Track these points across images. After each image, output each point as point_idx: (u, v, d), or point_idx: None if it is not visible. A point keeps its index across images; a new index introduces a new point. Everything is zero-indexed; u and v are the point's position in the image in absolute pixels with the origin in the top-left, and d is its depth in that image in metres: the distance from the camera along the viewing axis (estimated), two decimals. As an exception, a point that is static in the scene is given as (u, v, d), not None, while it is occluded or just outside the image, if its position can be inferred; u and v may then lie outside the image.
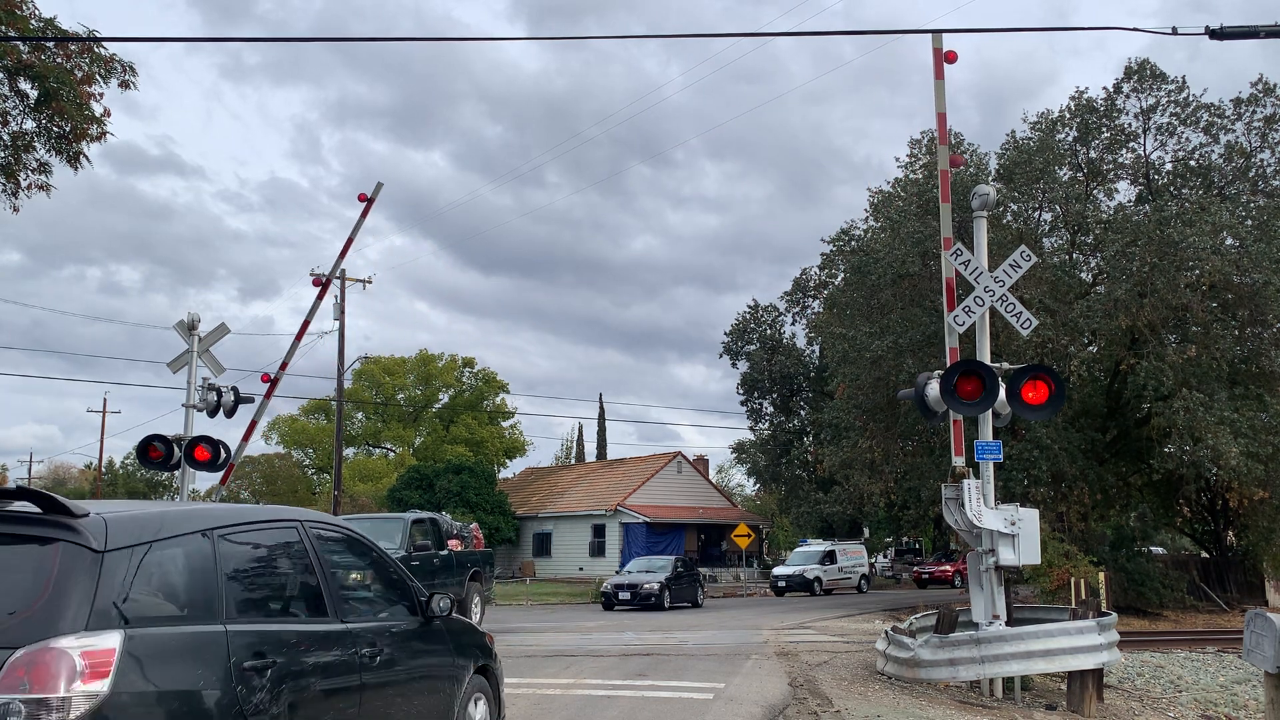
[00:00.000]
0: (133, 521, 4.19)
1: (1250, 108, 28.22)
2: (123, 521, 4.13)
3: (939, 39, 12.64)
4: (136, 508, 4.47)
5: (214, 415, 17.36)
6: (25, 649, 3.52)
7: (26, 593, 3.73)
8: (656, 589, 29.03)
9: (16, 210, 13.84)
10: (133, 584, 3.96)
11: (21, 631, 3.58)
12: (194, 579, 4.33)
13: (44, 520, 3.97)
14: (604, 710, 9.58)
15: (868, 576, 43.01)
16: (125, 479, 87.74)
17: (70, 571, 3.78)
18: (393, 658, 5.48)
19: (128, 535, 4.07)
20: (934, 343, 24.91)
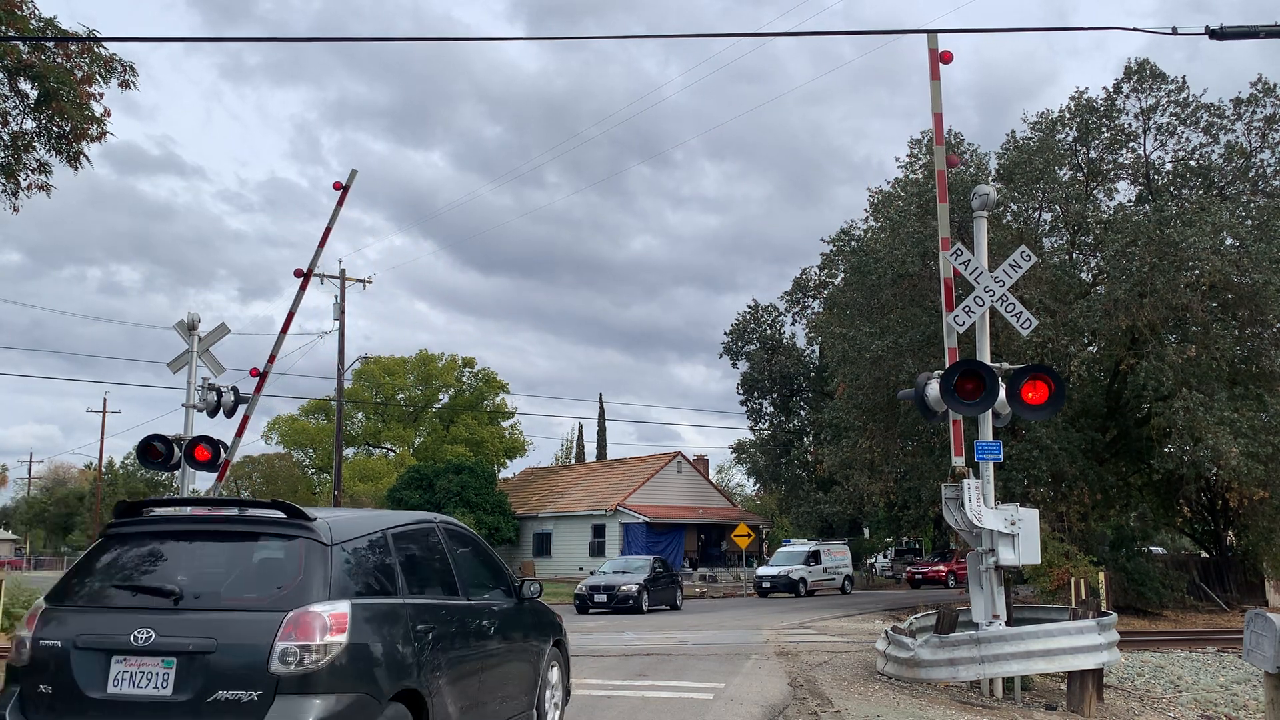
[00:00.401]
0: (344, 523, 5.85)
1: (1250, 108, 28.22)
2: (338, 523, 5.77)
3: (934, 39, 12.64)
4: (344, 514, 6.21)
5: (214, 415, 17.38)
6: (293, 611, 5.12)
7: (286, 574, 5.40)
8: (634, 591, 27.97)
9: (16, 210, 13.85)
10: (349, 568, 5.60)
11: (287, 600, 5.20)
12: (382, 565, 5.99)
13: (289, 523, 5.59)
14: (604, 710, 9.58)
15: (851, 577, 42.44)
16: (125, 479, 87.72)
17: (311, 559, 5.41)
18: (500, 628, 7.13)
19: (342, 534, 5.70)
20: (934, 343, 24.91)
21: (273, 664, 5.03)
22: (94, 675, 5.15)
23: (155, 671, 5.11)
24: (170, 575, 5.48)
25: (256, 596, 5.37)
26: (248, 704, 4.99)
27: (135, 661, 5.14)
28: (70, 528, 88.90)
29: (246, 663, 5.06)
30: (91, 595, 5.54)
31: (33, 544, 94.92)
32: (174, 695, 5.05)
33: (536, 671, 7.74)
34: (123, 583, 5.54)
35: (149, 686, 5.09)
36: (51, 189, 14.08)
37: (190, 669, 5.07)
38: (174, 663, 5.11)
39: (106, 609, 5.41)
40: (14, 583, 21.50)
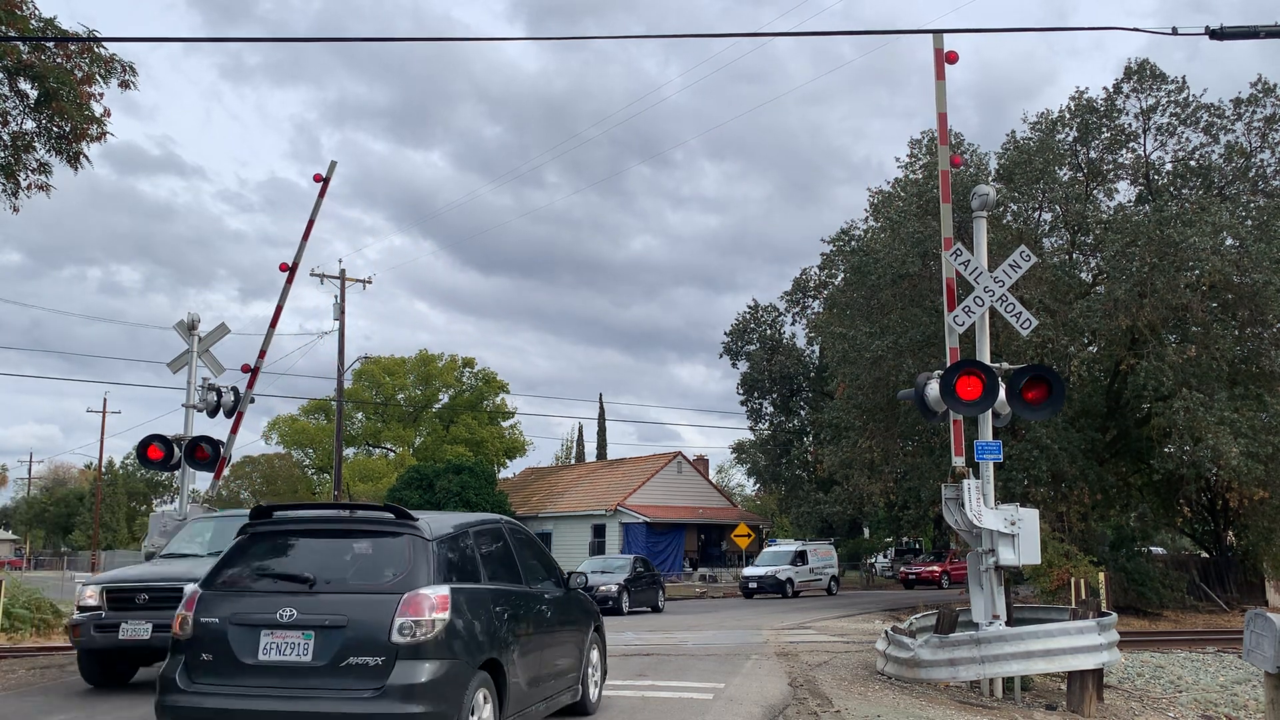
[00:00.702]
0: (438, 522, 7.16)
1: (1250, 108, 28.22)
2: (435, 522, 7.08)
3: (940, 39, 12.63)
4: (437, 515, 7.63)
5: (214, 415, 17.37)
6: (406, 594, 6.36)
7: (398, 564, 6.62)
8: (614, 591, 26.62)
9: (16, 210, 13.85)
10: (446, 559, 6.82)
11: (401, 584, 6.45)
12: (468, 557, 7.23)
13: (397, 523, 6.88)
14: (604, 710, 9.58)
15: (837, 578, 41.54)
16: (125, 479, 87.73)
17: (417, 552, 6.66)
18: (553, 613, 8.38)
19: (438, 531, 6.96)
20: (934, 343, 24.90)
21: (393, 635, 6.25)
22: (247, 645, 6.40)
23: (297, 642, 6.36)
24: (304, 565, 6.76)
25: (376, 582, 6.61)
26: (373, 668, 6.22)
27: (281, 634, 6.38)
28: (70, 528, 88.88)
29: (371, 635, 6.28)
30: (240, 581, 6.82)
31: (32, 544, 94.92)
32: (313, 661, 6.29)
33: (581, 652, 9.04)
34: (265, 571, 6.87)
35: (292, 654, 6.34)
36: (51, 189, 14.08)
37: (326, 640, 6.31)
38: (312, 635, 6.34)
39: (254, 593, 6.70)
40: (14, 583, 21.51)
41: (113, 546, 79.67)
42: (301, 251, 17.38)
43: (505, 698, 7.12)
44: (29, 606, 19.66)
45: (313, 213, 17.41)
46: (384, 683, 6.17)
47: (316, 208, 17.36)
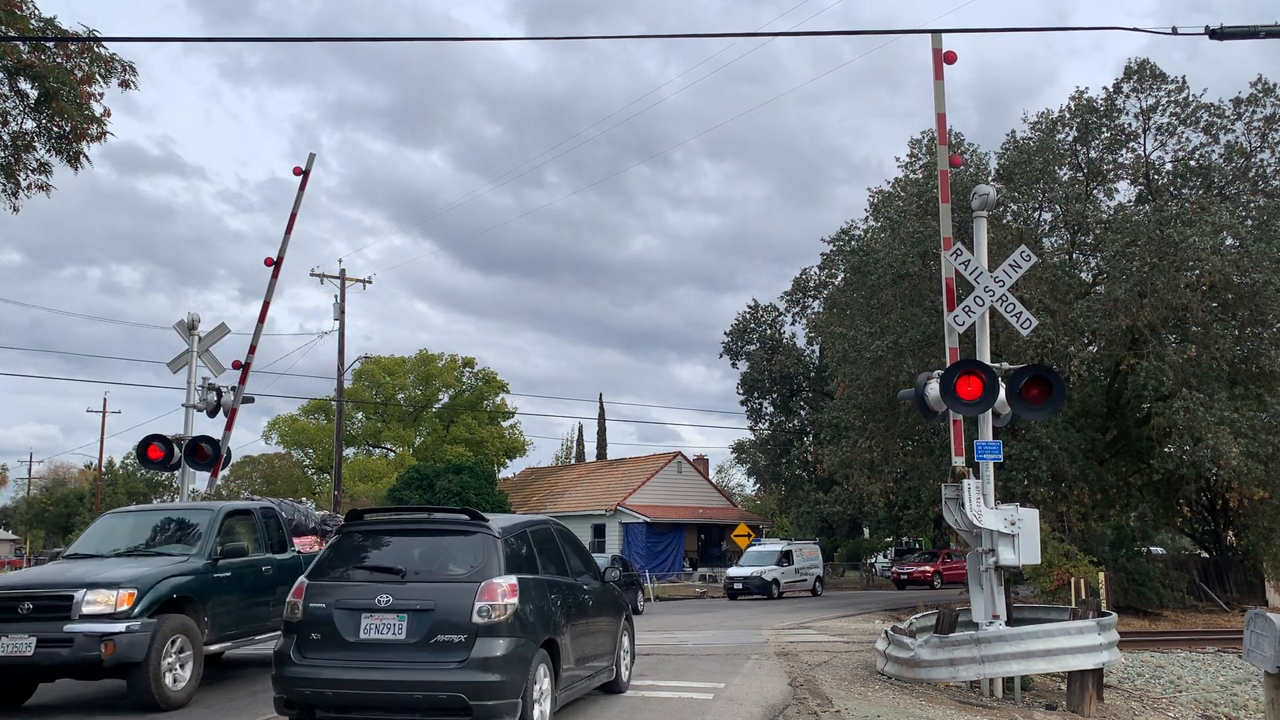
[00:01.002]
0: (504, 521, 8.47)
1: (1250, 108, 28.21)
2: (501, 522, 8.38)
3: (938, 39, 12.63)
4: (503, 517, 8.85)
5: (214, 415, 17.35)
6: (483, 582, 7.58)
7: (474, 557, 7.90)
8: None
9: (16, 210, 13.85)
10: (512, 554, 8.04)
11: (478, 575, 7.69)
12: (528, 552, 8.45)
13: (471, 523, 8.20)
14: (604, 710, 9.58)
15: (821, 578, 40.26)
16: (125, 479, 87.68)
17: (489, 547, 7.91)
18: (594, 602, 9.56)
19: (504, 529, 8.22)
20: (934, 343, 24.89)
21: (473, 617, 7.47)
22: (351, 626, 7.62)
23: (393, 623, 7.57)
24: (394, 559, 8.03)
25: (457, 572, 7.88)
26: (457, 644, 7.43)
27: (379, 617, 7.60)
28: (70, 528, 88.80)
29: (455, 616, 7.50)
30: (341, 573, 8.03)
31: (33, 544, 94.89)
32: (407, 638, 7.52)
33: (615, 637, 10.25)
34: (362, 564, 8.10)
35: (389, 633, 7.57)
36: (51, 189, 14.07)
37: (417, 621, 7.54)
38: (406, 617, 7.57)
39: (354, 582, 7.92)
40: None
41: (113, 546, 79.60)
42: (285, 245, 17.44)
43: (559, 673, 8.35)
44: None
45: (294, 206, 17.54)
46: (467, 656, 7.40)
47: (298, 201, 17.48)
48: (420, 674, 7.40)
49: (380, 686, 7.44)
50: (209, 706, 9.93)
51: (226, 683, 11.44)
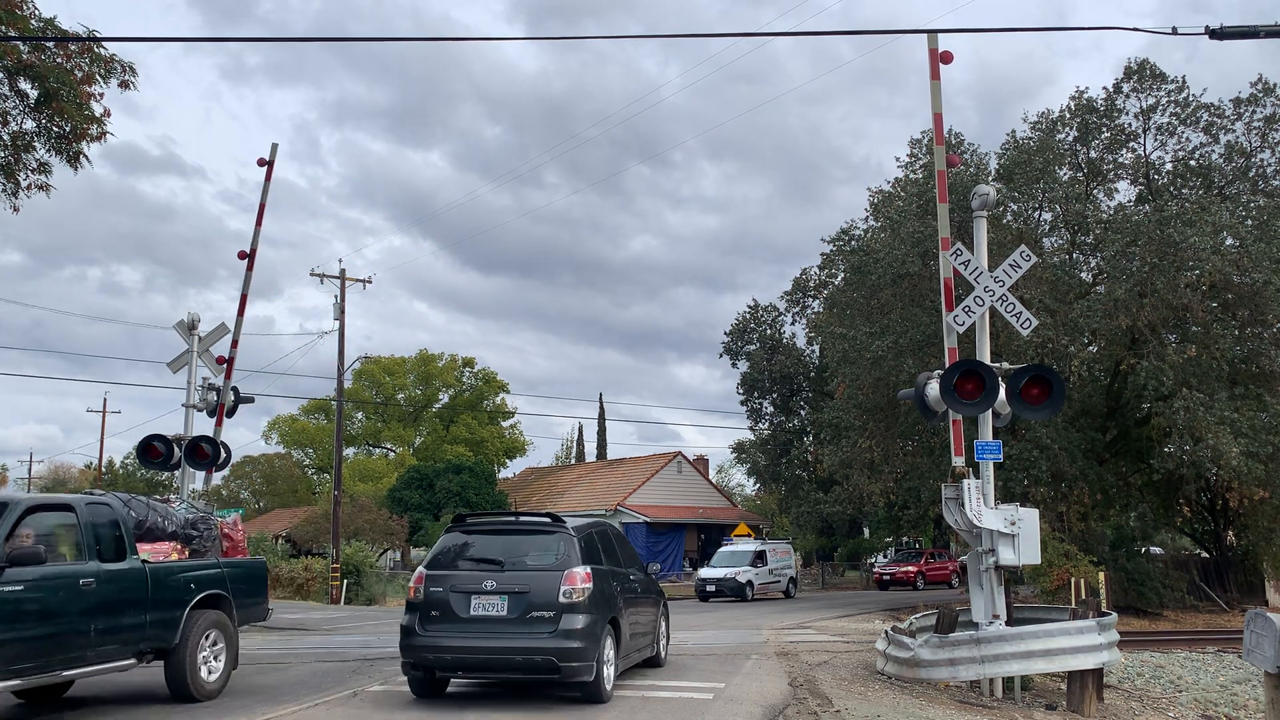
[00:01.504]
0: (578, 523, 10.50)
1: (1250, 108, 28.20)
2: (576, 524, 10.42)
3: (934, 39, 12.63)
4: (575, 520, 10.77)
5: (214, 415, 17.36)
6: (566, 570, 9.59)
7: (557, 551, 9.87)
8: None
9: (16, 210, 13.86)
10: (585, 549, 10.03)
11: (561, 565, 9.67)
12: (596, 547, 10.52)
13: (553, 524, 10.28)
14: (604, 710, 9.58)
15: (795, 579, 38.66)
16: (125, 479, 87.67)
17: (569, 543, 9.91)
18: (641, 589, 11.78)
19: (579, 529, 10.25)
20: (934, 343, 24.89)
21: (559, 597, 9.54)
22: (463, 605, 9.70)
23: (496, 602, 9.66)
24: (494, 552, 10.06)
25: (545, 563, 9.90)
26: (547, 618, 9.52)
27: (485, 598, 9.70)
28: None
29: (546, 597, 9.57)
30: (451, 563, 10.05)
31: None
32: (507, 614, 9.62)
33: (656, 619, 12.43)
34: (468, 556, 10.10)
35: (493, 610, 9.66)
36: (51, 189, 14.09)
37: (515, 601, 9.63)
38: (506, 598, 9.65)
39: (463, 570, 9.94)
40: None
41: (113, 546, 79.65)
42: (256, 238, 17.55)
43: (620, 643, 10.42)
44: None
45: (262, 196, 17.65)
46: (555, 628, 9.47)
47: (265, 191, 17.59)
48: (519, 642, 9.50)
49: (488, 652, 9.57)
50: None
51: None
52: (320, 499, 63.49)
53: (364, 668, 13.10)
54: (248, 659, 14.53)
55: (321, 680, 11.92)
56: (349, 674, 12.48)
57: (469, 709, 9.83)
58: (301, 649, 16.31)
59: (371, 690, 10.93)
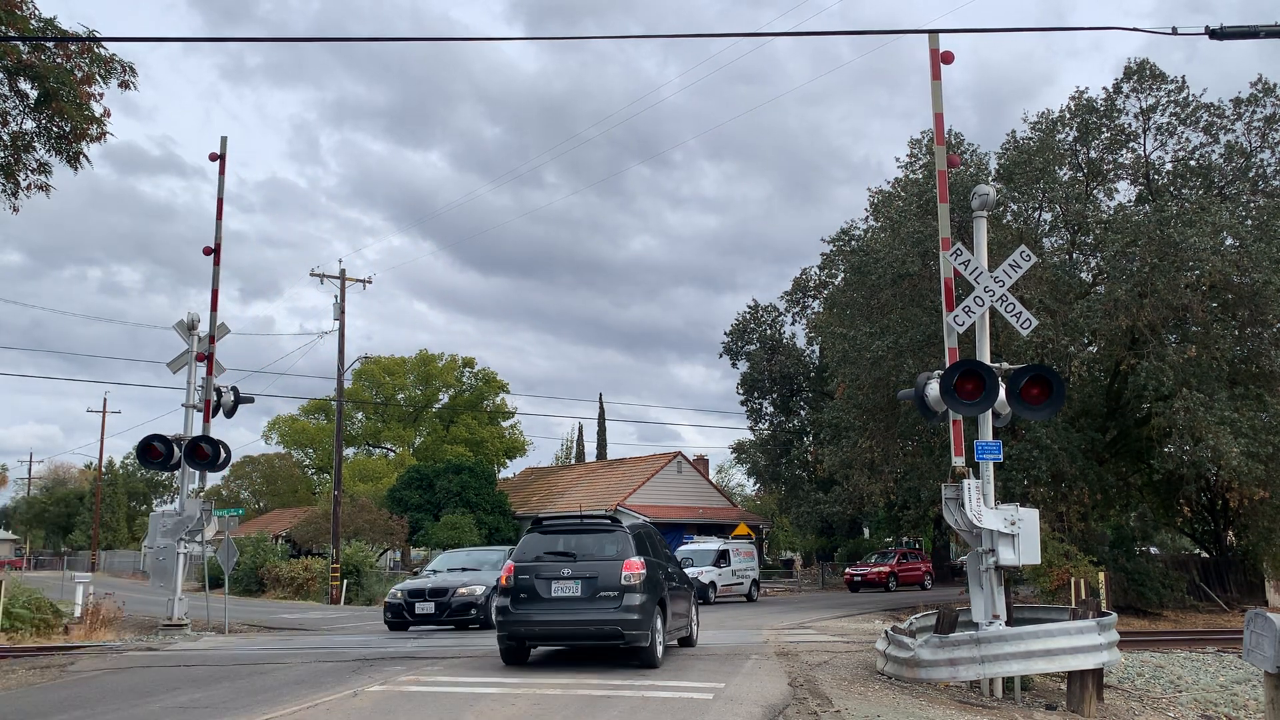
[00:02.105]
0: (631, 523, 13.76)
1: (1250, 108, 28.20)
2: (628, 523, 13.48)
3: (935, 39, 12.63)
4: (628, 520, 15.40)
5: (216, 415, 17.36)
6: (625, 560, 12.24)
7: (617, 545, 12.57)
8: (481, 597, 19.18)
9: (16, 210, 13.86)
10: (638, 543, 12.71)
11: (621, 556, 12.35)
12: (645, 542, 13.05)
13: (613, 524, 13.23)
14: (605, 710, 9.58)
15: (758, 581, 36.70)
16: (125, 479, 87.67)
17: (626, 538, 12.65)
18: (678, 579, 14.28)
19: (631, 528, 13.08)
20: (934, 343, 24.89)
21: (621, 581, 11.97)
22: (544, 589, 12.19)
23: (572, 586, 12.14)
24: (567, 547, 12.56)
25: (608, 554, 12.36)
26: (612, 598, 11.93)
27: (562, 583, 12.17)
28: (70, 528, 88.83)
29: (611, 582, 12.02)
30: (533, 557, 12.53)
31: (32, 544, 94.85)
32: (581, 595, 12.07)
33: (689, 606, 14.99)
34: (547, 550, 12.56)
35: (569, 592, 12.14)
36: (51, 189, 14.09)
37: (587, 585, 12.08)
38: (579, 582, 12.11)
39: (544, 562, 12.40)
40: (14, 583, 21.50)
41: (113, 546, 79.66)
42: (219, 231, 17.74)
43: (666, 621, 12.89)
44: (29, 606, 19.66)
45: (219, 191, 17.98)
46: (619, 605, 11.93)
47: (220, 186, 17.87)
48: (590, 615, 11.98)
49: (566, 625, 12.13)
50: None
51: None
52: (320, 499, 63.50)
53: (364, 668, 13.10)
54: (248, 659, 14.54)
55: (321, 680, 11.92)
56: (349, 674, 12.48)
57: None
58: (302, 649, 16.31)
59: (372, 690, 10.94)
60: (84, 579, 24.08)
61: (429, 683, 11.37)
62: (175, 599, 19.29)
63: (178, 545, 18.38)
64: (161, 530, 18.37)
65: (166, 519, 18.46)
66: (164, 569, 18.83)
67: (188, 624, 19.54)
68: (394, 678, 11.76)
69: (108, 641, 18.01)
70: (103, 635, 19.20)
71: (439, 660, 13.83)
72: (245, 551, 40.21)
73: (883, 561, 43.46)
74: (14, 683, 12.37)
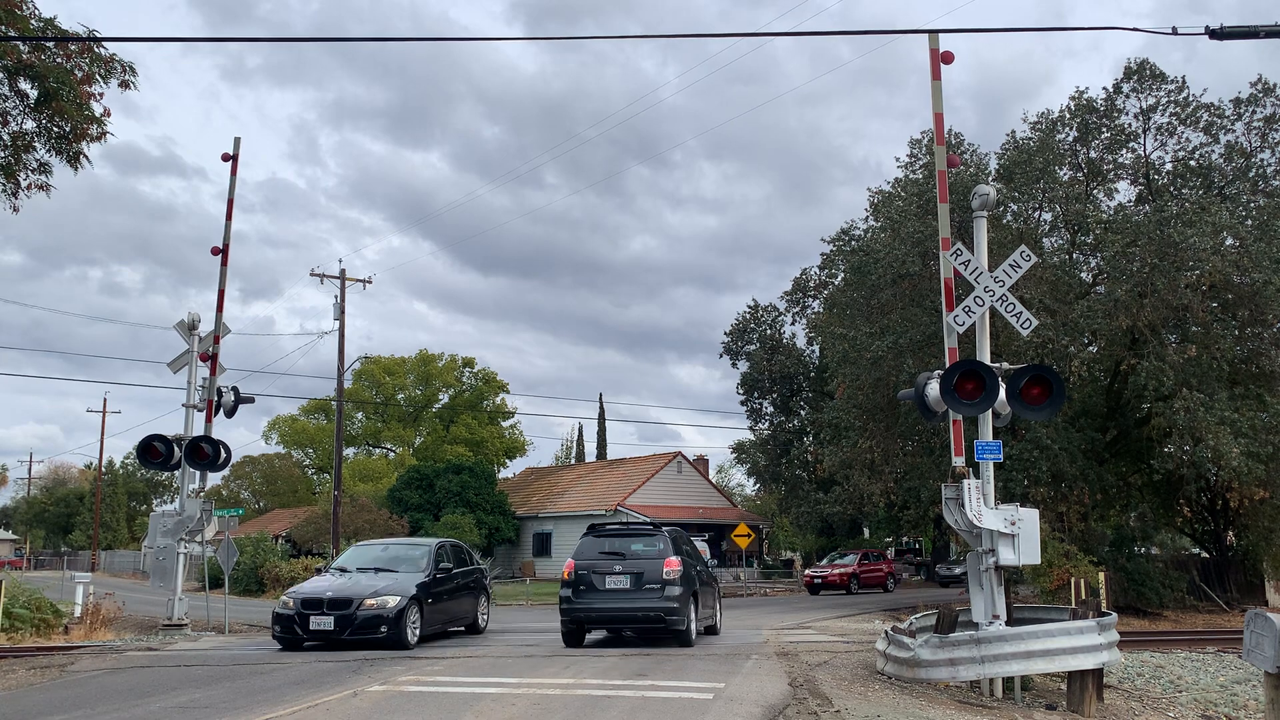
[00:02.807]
0: (668, 528, 16.47)
1: (1250, 108, 28.21)
2: (667, 528, 16.43)
3: (935, 39, 12.62)
4: (668, 526, 17.26)
5: (217, 414, 17.35)
6: (665, 559, 15.25)
7: (658, 546, 15.59)
8: (389, 611, 15.26)
9: (16, 210, 13.86)
10: (674, 544, 15.72)
11: (662, 555, 15.38)
12: (680, 544, 16.04)
13: (653, 529, 16.36)
14: (604, 710, 9.57)
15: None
16: (125, 479, 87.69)
17: (665, 541, 15.66)
18: (706, 575, 17.24)
19: (668, 532, 16.14)
20: (934, 343, 24.90)
21: (663, 575, 14.87)
22: (600, 582, 15.06)
23: (622, 579, 14.99)
24: (618, 547, 15.40)
25: (651, 554, 15.15)
26: (655, 589, 14.82)
27: (614, 577, 15.02)
28: (70, 528, 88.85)
29: (654, 576, 14.89)
30: (589, 556, 15.30)
31: (33, 544, 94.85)
32: (630, 587, 14.94)
33: (715, 600, 17.70)
34: (601, 551, 15.35)
35: (620, 585, 14.99)
36: (51, 189, 14.08)
37: (634, 578, 14.93)
38: (628, 576, 14.95)
39: (599, 559, 15.22)
40: (14, 583, 21.49)
41: (113, 546, 79.69)
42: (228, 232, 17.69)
43: (698, 609, 15.63)
44: (29, 606, 19.65)
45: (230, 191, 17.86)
46: (661, 594, 14.75)
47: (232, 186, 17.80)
48: (638, 604, 14.84)
49: (619, 610, 14.99)
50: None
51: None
52: (320, 499, 63.47)
53: (364, 667, 13.10)
54: (248, 659, 14.54)
55: (321, 680, 11.92)
56: (349, 674, 12.48)
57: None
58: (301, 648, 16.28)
59: (372, 690, 10.94)
60: (84, 579, 24.08)
61: (429, 683, 11.37)
62: (175, 599, 19.30)
63: (178, 545, 18.40)
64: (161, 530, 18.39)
65: (166, 519, 18.47)
66: (164, 569, 18.84)
67: (188, 624, 19.55)
68: (394, 678, 11.75)
69: (108, 641, 18.01)
70: (103, 635, 19.21)
71: (439, 660, 13.84)
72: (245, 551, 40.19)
73: (843, 562, 41.79)
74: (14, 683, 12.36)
